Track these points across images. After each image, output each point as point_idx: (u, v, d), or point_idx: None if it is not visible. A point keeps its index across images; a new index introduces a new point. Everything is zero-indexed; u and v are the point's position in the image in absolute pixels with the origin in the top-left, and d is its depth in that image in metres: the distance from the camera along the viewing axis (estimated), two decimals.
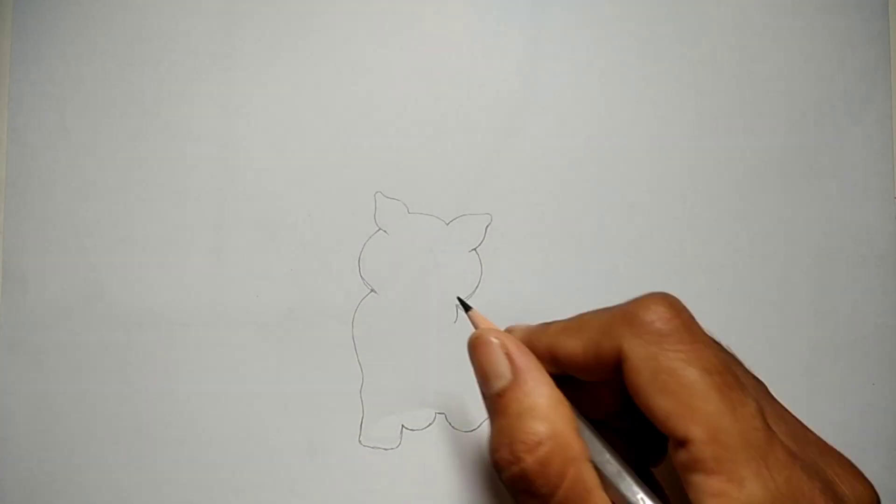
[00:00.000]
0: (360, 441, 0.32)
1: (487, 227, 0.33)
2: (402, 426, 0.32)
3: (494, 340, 0.20)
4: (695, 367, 0.18)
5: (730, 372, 0.18)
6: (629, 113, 0.34)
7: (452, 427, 0.32)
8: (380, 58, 0.34)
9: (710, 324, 0.33)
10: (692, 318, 0.19)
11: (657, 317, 0.19)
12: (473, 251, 0.33)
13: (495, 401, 0.20)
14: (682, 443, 0.18)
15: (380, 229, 0.33)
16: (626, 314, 0.19)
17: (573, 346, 0.20)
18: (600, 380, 0.20)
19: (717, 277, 0.33)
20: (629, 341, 0.19)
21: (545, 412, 0.19)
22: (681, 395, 0.18)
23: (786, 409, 0.21)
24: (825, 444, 0.20)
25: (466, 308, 0.24)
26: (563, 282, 0.33)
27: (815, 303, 0.34)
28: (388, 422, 0.32)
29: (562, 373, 0.20)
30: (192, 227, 0.33)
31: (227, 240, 0.33)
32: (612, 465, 0.19)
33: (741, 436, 0.17)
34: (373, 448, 0.32)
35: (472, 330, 0.22)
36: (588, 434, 0.20)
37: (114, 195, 0.33)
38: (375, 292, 0.33)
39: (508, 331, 0.22)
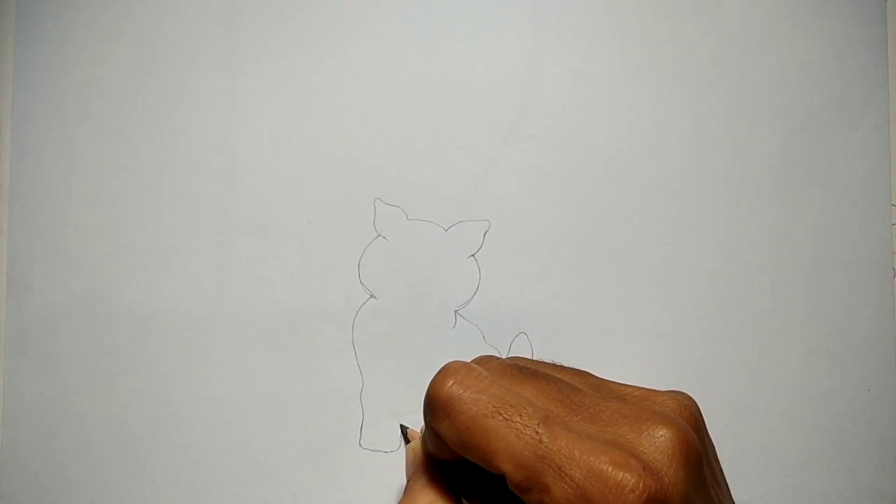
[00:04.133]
0: (360, 444, 0.33)
1: (486, 233, 0.33)
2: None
3: (409, 452, 0.28)
4: (479, 417, 0.22)
5: (507, 404, 0.22)
6: (626, 119, 0.34)
7: None
8: (379, 64, 0.34)
9: (706, 330, 0.33)
10: (463, 379, 0.23)
11: (431, 397, 0.23)
12: (472, 257, 0.33)
13: (405, 485, 0.28)
14: (504, 477, 0.22)
15: (379, 235, 0.33)
16: (424, 404, 0.24)
17: (424, 443, 0.27)
18: (456, 458, 0.24)
19: (712, 284, 0.34)
20: (434, 424, 0.23)
21: (413, 496, 0.25)
22: (485, 444, 0.22)
23: (595, 389, 0.24)
24: (626, 407, 0.23)
25: (405, 430, 0.32)
26: (560, 288, 0.33)
27: (810, 309, 0.34)
28: (388, 425, 0.33)
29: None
30: (194, 232, 0.33)
31: (227, 245, 0.33)
32: None
33: (532, 453, 0.21)
34: (373, 451, 0.33)
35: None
36: (474, 498, 0.26)
37: (116, 201, 0.33)
38: (375, 298, 0.33)
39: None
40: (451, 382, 0.23)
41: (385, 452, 0.32)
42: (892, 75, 0.35)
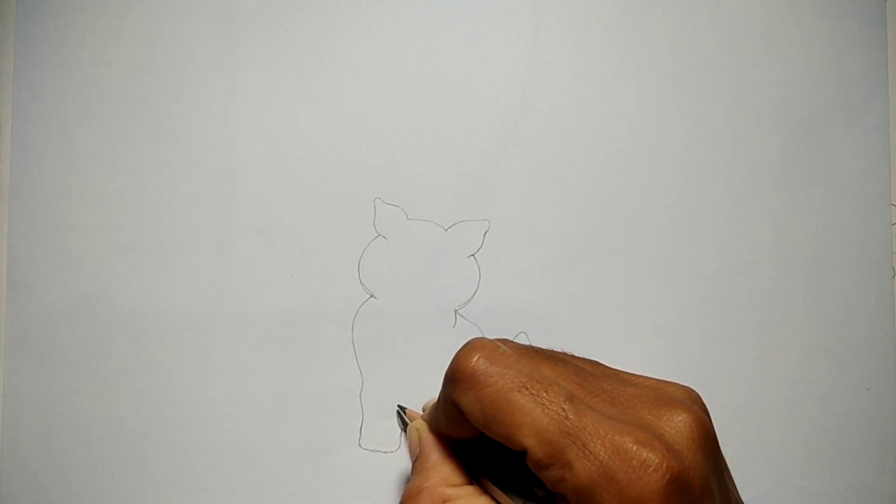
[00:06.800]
0: (360, 444, 0.33)
1: (486, 233, 0.33)
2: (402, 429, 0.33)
3: (413, 432, 0.28)
4: (505, 391, 0.22)
5: (533, 380, 0.22)
6: (626, 119, 0.34)
7: None
8: (379, 64, 0.34)
9: (706, 330, 0.33)
10: (489, 354, 0.23)
11: (456, 370, 0.23)
12: (472, 257, 0.33)
13: (412, 464, 0.28)
14: (525, 452, 0.22)
15: (379, 235, 0.33)
16: (447, 377, 0.24)
17: (435, 419, 0.27)
18: (475, 434, 0.24)
19: (712, 283, 0.34)
20: (457, 397, 0.23)
21: (427, 472, 0.26)
22: (509, 417, 0.22)
23: (608, 376, 0.25)
24: (642, 392, 0.23)
25: (404, 410, 0.32)
26: (559, 287, 0.33)
27: (810, 308, 0.34)
28: (388, 425, 0.33)
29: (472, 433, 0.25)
30: (194, 232, 0.33)
31: (227, 245, 0.33)
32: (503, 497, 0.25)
33: (557, 429, 0.21)
34: (373, 451, 0.32)
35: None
36: (484, 477, 0.26)
37: (116, 201, 0.33)
38: (375, 297, 0.33)
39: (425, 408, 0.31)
40: (478, 356, 0.23)
41: (385, 452, 0.32)
42: (892, 75, 0.35)
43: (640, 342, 0.33)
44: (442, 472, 0.26)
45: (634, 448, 0.20)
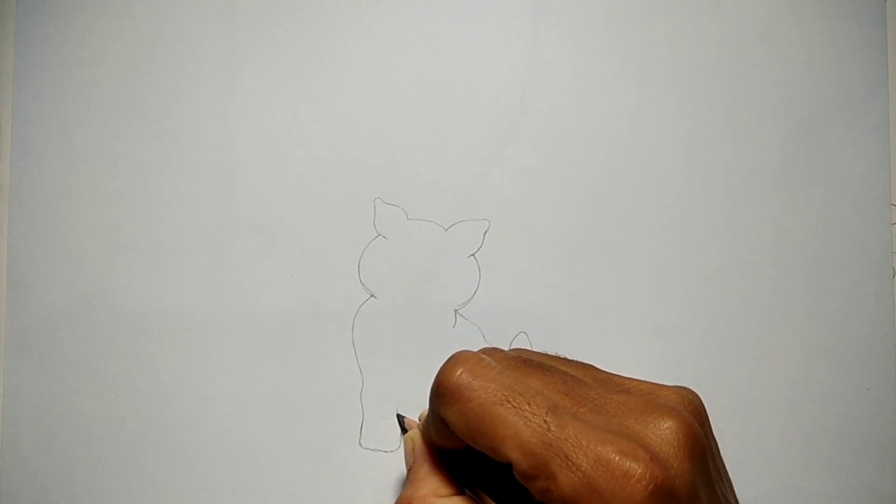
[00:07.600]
0: (360, 444, 0.33)
1: (486, 232, 0.33)
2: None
3: (408, 441, 0.29)
4: (487, 405, 0.22)
5: (516, 392, 0.22)
6: (626, 119, 0.34)
7: None
8: (379, 64, 0.34)
9: (706, 330, 0.33)
10: (472, 368, 0.23)
11: (440, 384, 0.24)
12: (472, 257, 0.33)
13: (406, 474, 0.28)
14: (511, 465, 0.22)
15: (379, 235, 0.33)
16: (432, 392, 0.25)
17: (427, 431, 0.27)
18: (464, 446, 0.24)
19: (712, 283, 0.34)
20: (442, 411, 0.24)
21: (418, 483, 0.26)
22: (493, 430, 0.22)
23: (599, 382, 0.25)
24: (631, 399, 0.23)
25: (402, 420, 0.32)
26: (560, 287, 0.33)
27: (810, 308, 0.34)
28: (388, 425, 0.33)
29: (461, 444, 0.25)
30: (194, 232, 0.33)
31: (227, 245, 0.33)
32: None
33: (540, 441, 0.21)
34: (373, 451, 0.33)
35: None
36: (478, 486, 0.27)
37: (116, 201, 0.33)
38: (375, 297, 0.33)
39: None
40: (461, 371, 0.23)
41: (385, 452, 0.32)
42: (892, 75, 0.35)
43: (640, 342, 0.33)
44: (431, 484, 0.26)
45: (617, 458, 0.20)
